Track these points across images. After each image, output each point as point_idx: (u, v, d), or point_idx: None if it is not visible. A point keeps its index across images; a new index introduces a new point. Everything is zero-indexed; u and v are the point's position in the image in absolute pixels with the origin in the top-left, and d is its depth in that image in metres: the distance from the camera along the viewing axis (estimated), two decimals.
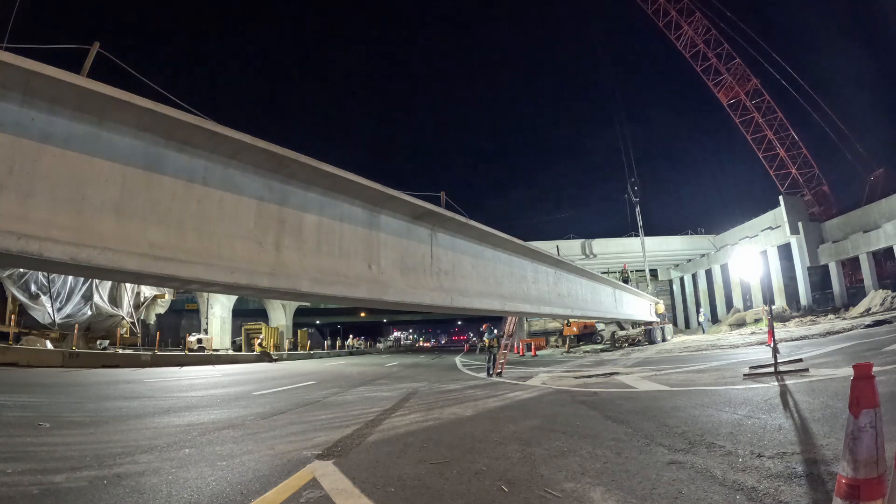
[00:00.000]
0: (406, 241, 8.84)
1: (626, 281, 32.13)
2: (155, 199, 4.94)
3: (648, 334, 23.91)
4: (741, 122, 31.36)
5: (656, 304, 25.03)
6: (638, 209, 35.26)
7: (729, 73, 30.82)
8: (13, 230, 4.12)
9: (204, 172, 5.48)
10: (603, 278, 21.31)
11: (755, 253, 27.07)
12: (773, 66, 29.61)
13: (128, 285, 20.83)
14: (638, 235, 37.10)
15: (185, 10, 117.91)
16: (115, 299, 20.26)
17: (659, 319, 25.46)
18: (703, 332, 21.24)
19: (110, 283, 20.09)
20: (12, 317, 15.44)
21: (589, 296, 18.78)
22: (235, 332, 32.27)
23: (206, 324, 27.26)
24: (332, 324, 63.20)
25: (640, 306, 27.13)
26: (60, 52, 4.74)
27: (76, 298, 18.35)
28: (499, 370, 11.84)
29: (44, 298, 16.88)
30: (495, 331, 14.77)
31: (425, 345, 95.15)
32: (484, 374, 11.58)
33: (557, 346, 30.85)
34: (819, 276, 27.60)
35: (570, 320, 32.79)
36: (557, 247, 36.48)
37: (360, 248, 7.67)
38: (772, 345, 7.56)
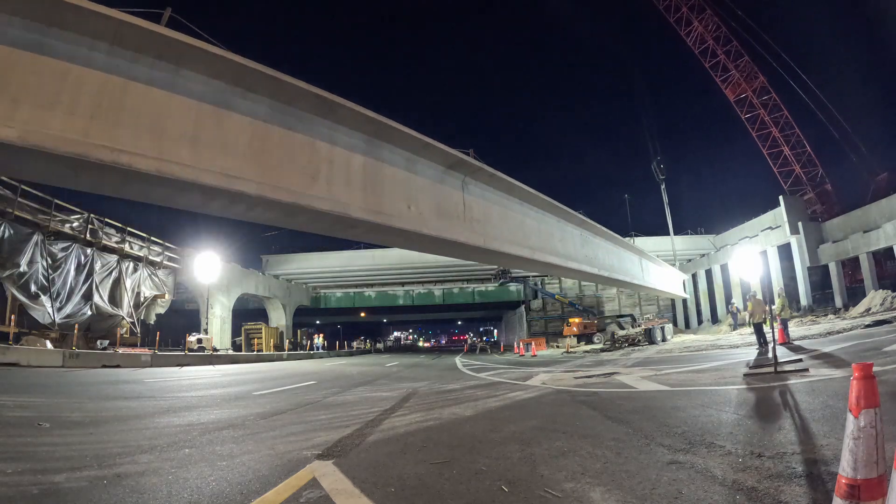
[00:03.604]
0: (440, 187, 10.15)
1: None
2: (224, 135, 6.16)
3: (648, 334, 23.87)
4: (747, 119, 31.55)
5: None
6: (664, 187, 35.47)
7: (737, 70, 31.00)
8: (106, 144, 5.17)
9: (265, 114, 6.62)
10: (628, 245, 21.72)
11: (755, 253, 27.06)
12: (781, 66, 29.80)
13: (127, 284, 20.84)
14: (637, 236, 37.02)
15: None
16: (115, 299, 20.25)
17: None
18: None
19: (110, 283, 20.10)
20: (12, 317, 15.42)
21: (615, 262, 20.01)
22: (235, 332, 32.25)
23: (206, 324, 27.23)
24: (332, 324, 63.12)
25: (667, 277, 27.09)
26: (134, 13, 5.49)
27: (76, 298, 18.34)
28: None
29: (44, 298, 16.87)
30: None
31: (425, 345, 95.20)
32: (484, 374, 11.58)
33: (557, 347, 30.84)
34: (819, 276, 27.58)
35: (571, 319, 32.77)
36: None
37: (401, 190, 8.96)
38: (771, 344, 7.56)
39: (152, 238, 22.97)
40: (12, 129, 5.07)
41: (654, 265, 25.19)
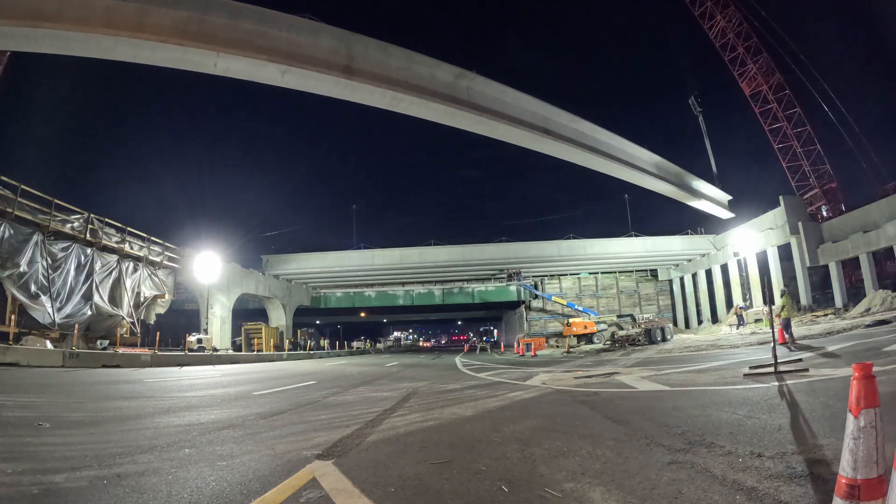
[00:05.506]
0: (454, 83, 21.76)
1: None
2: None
3: (648, 334, 23.85)
4: (761, 113, 32.46)
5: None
6: (701, 119, 37.33)
7: (755, 66, 31.80)
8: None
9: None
10: (635, 146, 29.28)
11: (754, 251, 26.92)
12: (800, 67, 30.61)
13: (127, 284, 20.83)
14: (637, 236, 36.94)
15: None
16: (115, 299, 20.24)
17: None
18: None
19: (110, 283, 20.09)
20: (12, 317, 15.43)
21: (614, 151, 27.71)
22: (235, 332, 32.25)
23: (206, 324, 27.22)
24: (332, 324, 63.07)
25: (697, 187, 32.83)
26: None
27: (76, 298, 18.34)
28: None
29: (44, 298, 16.87)
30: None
31: (425, 345, 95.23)
32: (484, 374, 11.59)
33: (557, 347, 30.83)
34: (819, 276, 27.58)
35: (571, 320, 32.73)
36: (559, 246, 36.35)
37: (428, 83, 21.50)
38: (771, 344, 7.56)
39: (152, 238, 22.96)
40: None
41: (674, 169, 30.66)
